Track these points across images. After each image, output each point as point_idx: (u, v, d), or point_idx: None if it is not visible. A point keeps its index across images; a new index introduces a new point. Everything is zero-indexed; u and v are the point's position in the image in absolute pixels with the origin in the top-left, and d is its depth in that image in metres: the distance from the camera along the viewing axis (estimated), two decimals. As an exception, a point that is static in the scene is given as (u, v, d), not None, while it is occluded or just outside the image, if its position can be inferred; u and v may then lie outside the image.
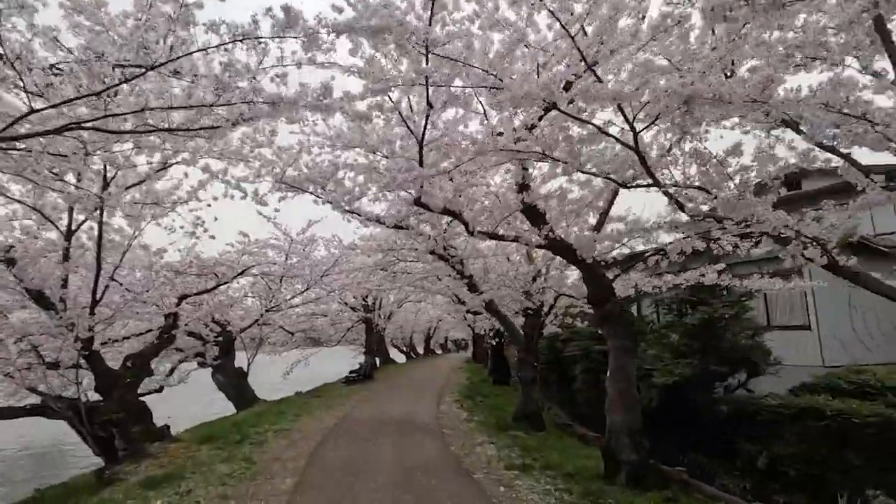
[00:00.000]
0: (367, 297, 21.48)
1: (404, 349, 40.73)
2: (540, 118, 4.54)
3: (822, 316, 10.36)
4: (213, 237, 8.30)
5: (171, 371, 14.20)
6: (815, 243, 3.47)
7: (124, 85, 2.88)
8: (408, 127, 5.12)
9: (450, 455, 6.99)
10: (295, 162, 7.97)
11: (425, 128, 4.88)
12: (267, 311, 14.20)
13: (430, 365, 32.13)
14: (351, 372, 18.91)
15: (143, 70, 2.73)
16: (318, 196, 8.61)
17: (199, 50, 2.94)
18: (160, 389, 14.21)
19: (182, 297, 9.03)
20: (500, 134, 4.70)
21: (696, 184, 4.26)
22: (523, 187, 6.01)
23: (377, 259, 13.67)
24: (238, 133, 6.88)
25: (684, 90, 2.57)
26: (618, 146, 4.35)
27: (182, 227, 8.24)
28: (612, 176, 4.87)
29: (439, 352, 54.49)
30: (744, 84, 2.73)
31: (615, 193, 6.38)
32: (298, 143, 7.61)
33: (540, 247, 6.45)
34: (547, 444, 7.59)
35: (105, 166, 6.50)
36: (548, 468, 6.12)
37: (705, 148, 3.79)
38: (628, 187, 4.88)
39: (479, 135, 4.89)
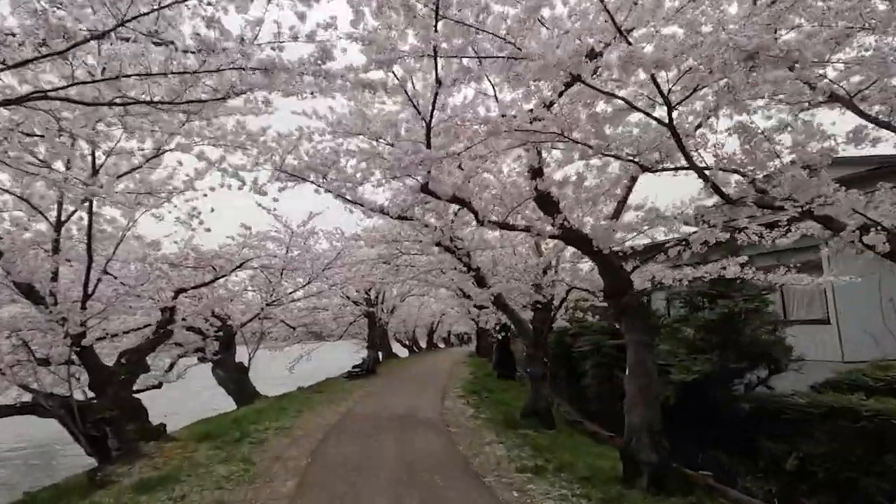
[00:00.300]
0: (369, 290, 21.20)
1: (407, 343, 40.54)
2: (560, 94, 4.17)
3: (843, 309, 9.98)
4: (208, 229, 7.98)
5: (171, 367, 13.97)
6: (879, 228, 3.10)
7: (93, 45, 2.53)
8: (414, 106, 4.75)
9: (457, 456, 6.69)
10: (294, 149, 7.64)
11: (433, 106, 4.51)
12: (268, 304, 13.90)
13: (434, 359, 31.89)
14: (354, 367, 18.65)
15: (113, 26, 2.37)
16: (319, 185, 8.29)
17: (175, 2, 2.57)
18: (159, 385, 14.00)
19: (179, 291, 8.72)
20: (514, 116, 4.34)
21: (732, 165, 3.88)
22: (536, 173, 5.65)
23: (380, 251, 13.38)
24: (233, 120, 6.58)
25: (749, 43, 2.19)
26: (651, 123, 3.96)
27: (178, 219, 7.93)
28: (636, 159, 4.49)
29: (442, 346, 54.30)
30: (810, 40, 2.36)
31: (634, 180, 6.01)
32: (298, 130, 7.27)
33: (553, 237, 6.10)
34: (558, 443, 7.27)
35: (93, 152, 6.15)
36: (561, 470, 5.80)
37: (751, 122, 3.41)
38: (654, 171, 4.51)
39: (492, 114, 4.51)
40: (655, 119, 3.49)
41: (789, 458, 5.86)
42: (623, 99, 3.52)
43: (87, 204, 6.76)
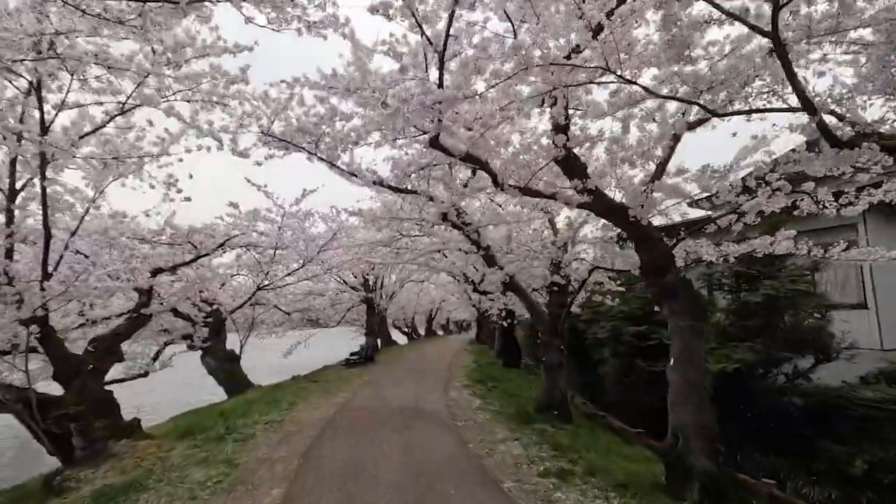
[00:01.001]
0: (367, 275, 20.37)
1: (406, 330, 39.89)
2: (610, 13, 3.25)
3: (882, 293, 9.20)
4: (188, 199, 7.07)
5: (157, 355, 13.20)
6: None
7: None
8: (423, 34, 3.83)
9: (469, 455, 5.90)
10: (283, 111, 6.74)
11: (448, 33, 3.60)
12: (259, 289, 13.06)
13: (434, 346, 31.22)
14: (351, 354, 17.90)
15: None
16: (311, 153, 7.41)
17: None
18: (145, 374, 13.22)
19: (156, 271, 7.84)
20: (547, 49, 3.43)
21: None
22: (561, 129, 4.76)
23: (379, 232, 12.52)
24: (205, 63, 5.63)
25: None
26: (724, 49, 3.06)
27: (152, 186, 7.01)
28: (700, 100, 3.61)
29: (441, 333, 53.77)
30: None
31: (677, 139, 5.12)
32: (288, 86, 6.37)
33: (583, 206, 5.23)
34: (580, 441, 6.51)
35: (40, 102, 5.22)
36: (591, 475, 5.02)
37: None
38: (721, 115, 3.63)
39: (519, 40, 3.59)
40: (753, 27, 2.60)
41: (853, 461, 5.11)
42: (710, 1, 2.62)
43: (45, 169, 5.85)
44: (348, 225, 12.85)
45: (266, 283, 13.10)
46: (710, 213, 5.41)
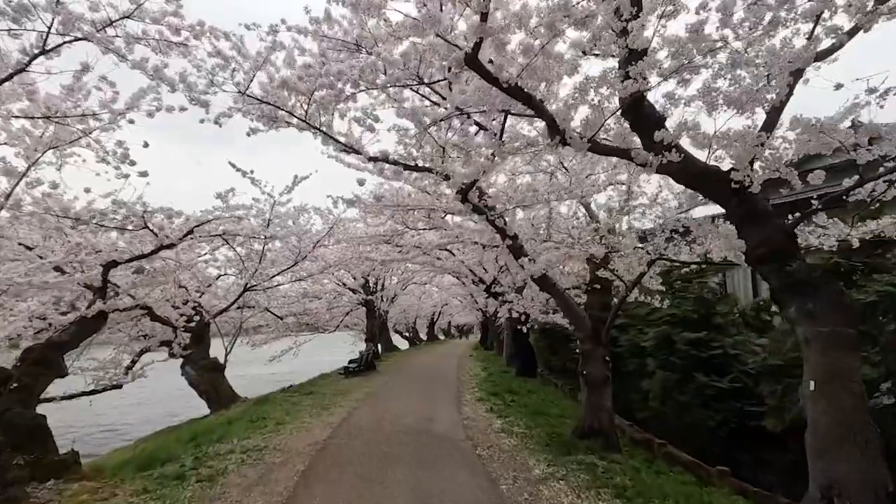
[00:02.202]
0: (368, 276, 18.94)
1: (407, 335, 38.41)
2: None
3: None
4: (144, 173, 5.64)
5: (131, 364, 11.75)
6: None
7: None
8: None
9: (504, 504, 4.46)
10: (265, 64, 5.41)
11: None
12: (247, 289, 11.62)
13: (437, 352, 29.78)
14: (350, 362, 16.42)
15: None
16: (301, 120, 6.11)
17: None
18: (118, 386, 11.82)
19: (109, 265, 6.39)
20: None
21: None
22: (637, 55, 3.36)
23: (381, 226, 11.14)
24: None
25: None
26: None
27: (106, 163, 5.59)
28: None
29: (442, 337, 52.31)
30: None
31: (798, 74, 3.70)
32: (270, 32, 5.05)
33: (665, 170, 3.82)
34: (644, 481, 5.05)
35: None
36: (684, 542, 3.57)
37: None
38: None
39: None
40: None
41: None
42: None
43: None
44: (346, 217, 11.44)
45: (254, 283, 11.68)
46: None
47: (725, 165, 3.86)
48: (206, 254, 11.99)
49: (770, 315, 7.49)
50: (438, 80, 4.36)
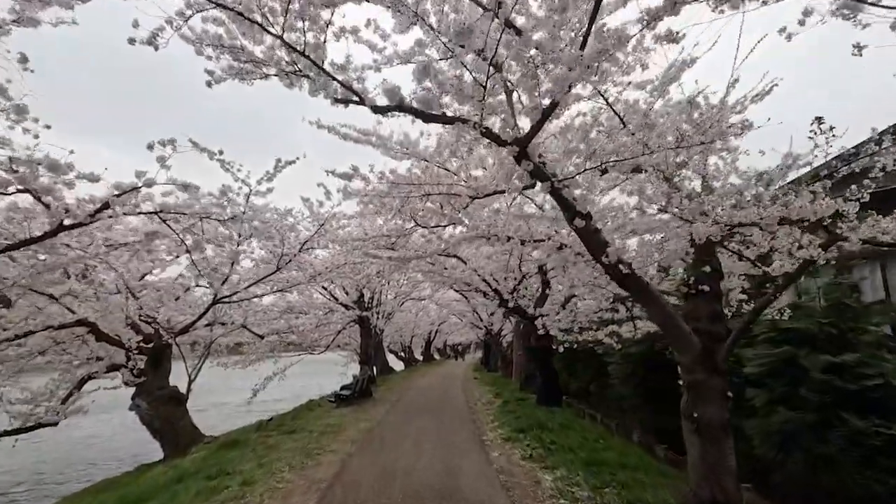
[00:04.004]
0: (362, 290, 16.81)
1: (402, 355, 35.99)
2: None
3: None
4: (49, 127, 3.61)
5: (68, 396, 9.43)
6: None
7: None
8: None
9: None
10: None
11: None
12: (217, 301, 9.46)
13: (436, 374, 27.44)
14: (342, 387, 14.15)
15: None
16: (278, 37, 4.25)
17: None
18: (54, 423, 9.56)
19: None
20: None
21: None
22: None
23: (383, 222, 9.17)
24: None
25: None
26: None
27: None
28: None
29: (437, 357, 49.83)
30: None
31: None
32: None
33: None
34: None
35: None
36: None
37: None
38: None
39: None
40: None
41: None
42: None
43: None
44: (340, 212, 9.42)
45: (226, 293, 9.53)
46: None
47: None
48: (172, 258, 9.91)
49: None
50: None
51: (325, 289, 15.98)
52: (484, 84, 3.88)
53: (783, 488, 5.48)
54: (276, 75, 4.40)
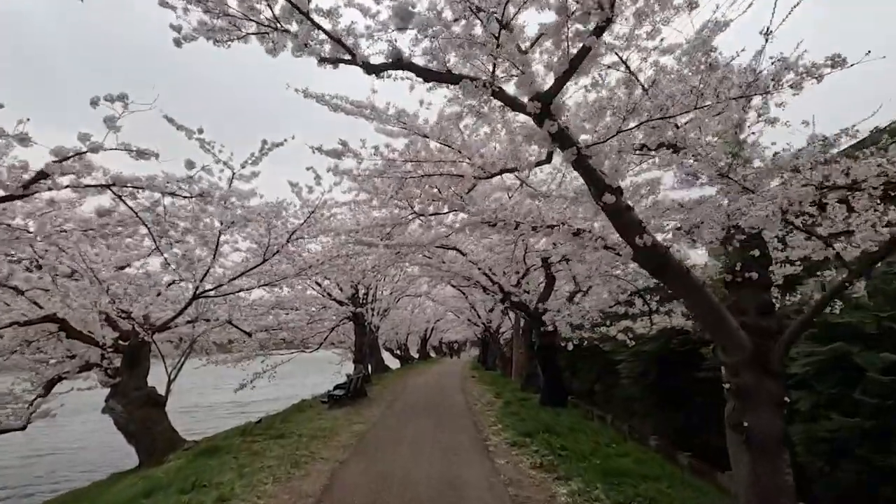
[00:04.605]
0: (357, 285, 16.10)
1: (398, 353, 35.33)
2: None
3: None
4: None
5: (35, 398, 8.68)
6: None
7: None
8: None
9: None
10: None
11: None
12: (198, 296, 8.75)
13: (433, 372, 26.82)
14: (335, 387, 13.47)
15: None
16: None
17: None
18: (21, 427, 8.93)
19: None
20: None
21: None
22: None
23: (382, 207, 8.50)
24: None
25: None
26: None
27: None
28: None
29: (433, 355, 49.20)
30: None
31: None
32: None
33: None
34: None
35: None
36: None
37: None
38: None
39: None
40: None
41: None
42: None
43: None
44: (331, 200, 8.71)
45: (208, 287, 8.82)
46: None
47: None
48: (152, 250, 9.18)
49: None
50: None
51: (319, 284, 15.28)
52: (497, 34, 3.24)
53: (827, 501, 4.87)
54: (254, 34, 3.73)
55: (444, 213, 7.36)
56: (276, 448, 7.47)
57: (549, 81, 3.51)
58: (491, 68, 3.60)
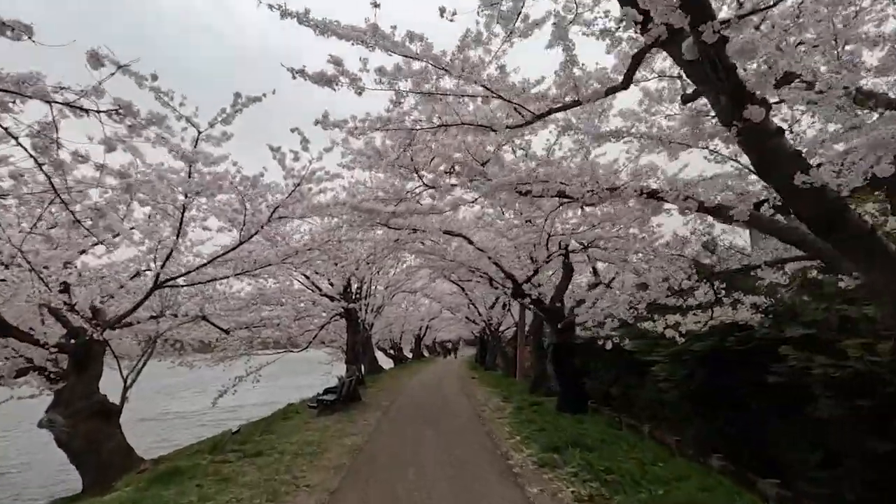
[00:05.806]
0: (350, 278, 14.67)
1: (391, 352, 33.89)
2: None
3: None
4: None
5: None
6: None
7: None
8: None
9: None
10: None
11: None
12: (160, 285, 7.29)
13: (429, 372, 25.43)
14: (326, 391, 12.05)
15: None
16: None
17: None
18: None
19: None
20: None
21: None
22: None
23: (383, 177, 7.20)
24: None
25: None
26: None
27: None
28: None
29: (427, 355, 47.75)
30: None
31: None
32: None
33: None
34: None
35: None
36: None
37: None
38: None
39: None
40: None
41: None
42: None
43: None
44: (321, 171, 7.28)
45: (171, 274, 7.36)
46: None
47: None
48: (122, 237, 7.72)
49: None
50: None
51: (307, 277, 13.81)
52: None
53: None
54: None
55: (460, 185, 5.99)
56: (251, 471, 6.05)
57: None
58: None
